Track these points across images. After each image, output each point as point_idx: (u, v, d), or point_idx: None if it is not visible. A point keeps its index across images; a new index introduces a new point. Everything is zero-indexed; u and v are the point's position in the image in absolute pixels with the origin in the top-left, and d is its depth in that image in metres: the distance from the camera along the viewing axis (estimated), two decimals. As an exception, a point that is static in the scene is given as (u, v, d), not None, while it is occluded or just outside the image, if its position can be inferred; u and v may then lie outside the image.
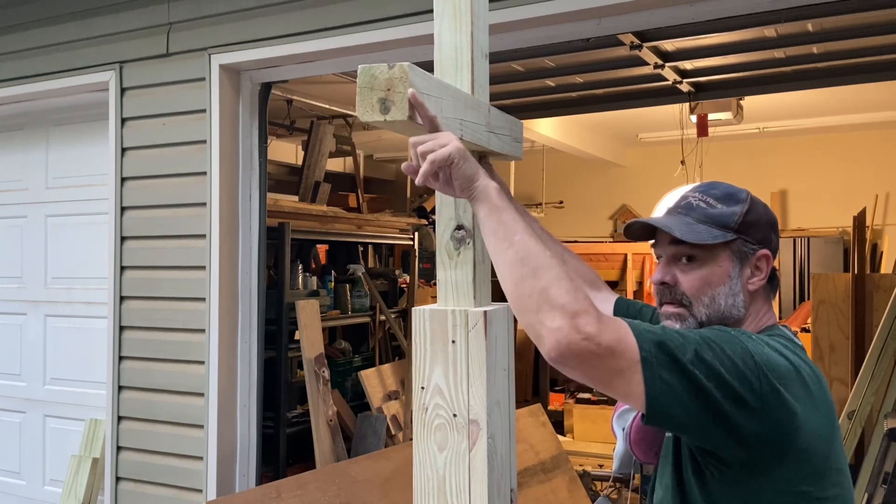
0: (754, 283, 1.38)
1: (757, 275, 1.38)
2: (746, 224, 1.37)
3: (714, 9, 2.67)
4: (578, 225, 8.58)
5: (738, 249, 1.37)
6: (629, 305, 1.75)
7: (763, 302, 1.41)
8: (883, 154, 7.30)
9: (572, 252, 1.88)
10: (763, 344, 1.26)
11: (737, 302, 1.37)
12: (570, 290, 1.16)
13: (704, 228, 1.37)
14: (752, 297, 1.39)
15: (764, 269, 1.38)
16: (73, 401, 4.15)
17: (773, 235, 1.39)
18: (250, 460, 3.54)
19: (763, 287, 1.40)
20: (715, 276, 1.37)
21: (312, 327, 4.57)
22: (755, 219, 1.37)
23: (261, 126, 3.61)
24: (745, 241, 1.37)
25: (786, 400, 1.20)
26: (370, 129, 6.52)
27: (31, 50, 3.99)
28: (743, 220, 1.37)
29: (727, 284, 1.36)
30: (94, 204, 4.04)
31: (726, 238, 1.36)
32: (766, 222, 1.39)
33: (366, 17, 3.08)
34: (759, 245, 1.37)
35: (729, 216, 1.37)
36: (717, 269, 1.37)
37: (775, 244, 1.40)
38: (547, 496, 3.72)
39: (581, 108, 5.05)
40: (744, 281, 1.37)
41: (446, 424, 1.50)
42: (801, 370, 1.26)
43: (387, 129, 1.24)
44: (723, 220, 1.37)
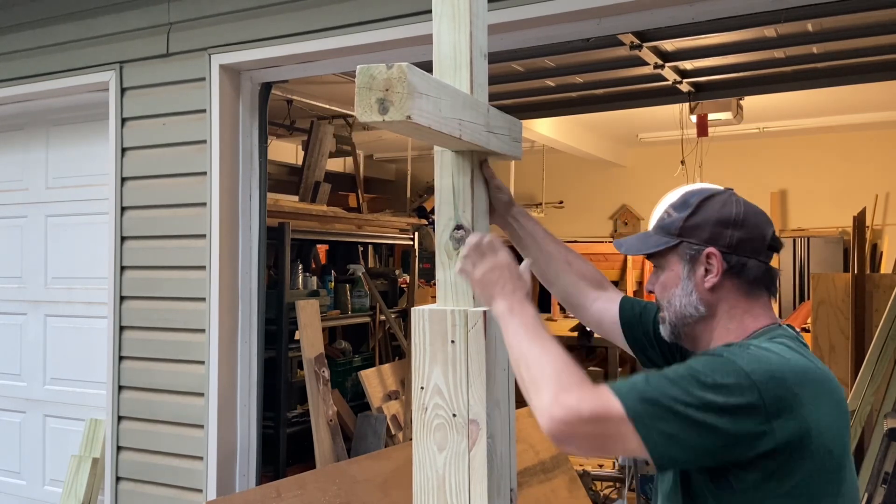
0: (709, 281, 1.41)
1: (710, 272, 1.41)
2: (688, 227, 1.43)
3: (714, 9, 2.67)
4: (578, 225, 8.58)
5: (684, 252, 1.44)
6: (634, 304, 1.76)
7: (738, 299, 1.42)
8: (883, 154, 7.30)
9: (577, 254, 1.89)
10: (762, 353, 1.26)
11: (692, 301, 1.43)
12: (553, 374, 1.26)
13: (655, 238, 1.48)
14: (715, 295, 1.42)
15: (715, 266, 1.40)
16: (73, 401, 4.15)
17: (727, 231, 1.40)
18: (250, 460, 3.54)
19: (735, 285, 1.41)
20: (669, 279, 1.47)
21: (312, 327, 4.57)
22: (700, 220, 1.43)
23: (261, 126, 3.61)
24: (690, 243, 1.43)
25: (795, 407, 1.21)
26: (370, 129, 6.52)
27: (32, 50, 3.99)
28: (684, 224, 1.44)
29: (679, 286, 1.45)
30: (94, 204, 4.04)
31: (669, 243, 1.45)
32: (716, 221, 1.41)
33: (366, 17, 3.08)
34: (705, 244, 1.41)
35: (673, 222, 1.46)
36: (670, 274, 1.47)
37: (732, 239, 1.40)
38: (547, 496, 3.72)
39: (581, 108, 5.05)
40: (696, 280, 1.42)
41: (446, 424, 1.50)
42: (808, 371, 1.27)
43: (386, 129, 1.24)
44: (668, 228, 1.47)
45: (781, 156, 7.70)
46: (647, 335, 1.69)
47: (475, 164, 1.54)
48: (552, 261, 1.84)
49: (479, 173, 1.56)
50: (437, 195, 1.55)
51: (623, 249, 1.57)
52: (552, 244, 1.85)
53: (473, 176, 1.53)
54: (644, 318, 1.71)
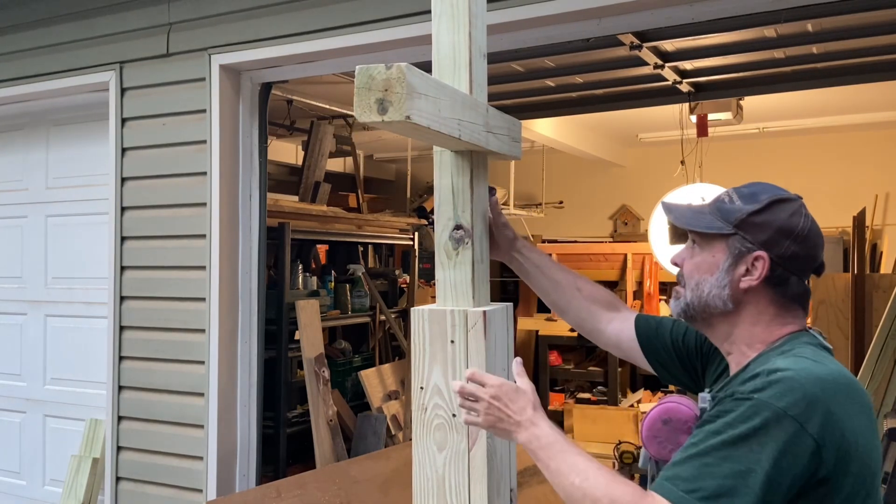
0: (746, 282, 1.38)
1: (751, 274, 1.37)
2: (749, 223, 1.38)
3: (714, 9, 2.67)
4: (578, 225, 8.57)
5: (734, 245, 1.39)
6: (649, 320, 1.75)
7: (769, 305, 1.39)
8: (883, 154, 7.29)
9: (586, 279, 1.88)
10: (789, 378, 1.24)
11: (722, 294, 1.39)
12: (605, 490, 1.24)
13: (710, 218, 1.42)
14: (748, 296, 1.39)
15: (759, 270, 1.36)
16: (73, 401, 4.15)
17: (785, 241, 1.36)
18: (250, 460, 3.54)
19: (770, 294, 1.38)
20: (706, 264, 1.42)
21: (312, 327, 4.57)
22: (763, 220, 1.37)
23: (261, 126, 3.62)
24: (744, 239, 1.38)
25: (836, 428, 1.21)
26: (370, 129, 6.52)
27: (32, 50, 3.99)
28: (746, 218, 1.38)
29: (714, 275, 1.40)
30: (94, 204, 4.04)
31: (722, 231, 1.39)
32: (779, 227, 1.37)
33: (366, 17, 3.08)
34: (759, 246, 1.37)
35: (734, 212, 1.39)
36: (709, 258, 1.41)
37: (788, 252, 1.37)
38: (547, 496, 3.71)
39: (581, 108, 5.04)
40: (734, 277, 1.38)
41: (445, 424, 1.50)
42: (837, 383, 1.26)
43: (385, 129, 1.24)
44: (727, 214, 1.40)
45: (781, 156, 7.69)
46: (665, 349, 1.68)
47: (474, 164, 1.54)
48: (562, 289, 1.83)
49: (478, 173, 1.56)
50: (436, 195, 1.55)
51: (672, 217, 1.49)
52: (560, 272, 1.85)
53: (473, 176, 1.53)
54: (661, 331, 1.70)
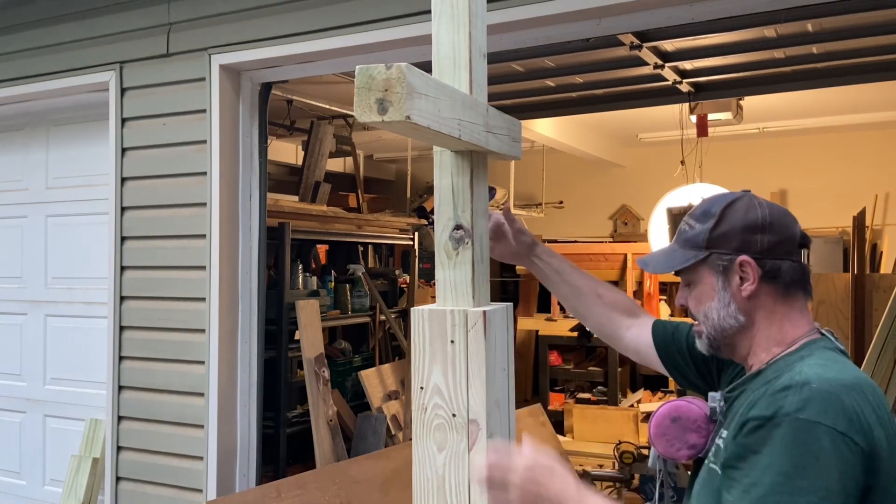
0: (747, 289, 1.38)
1: (746, 280, 1.38)
2: (715, 238, 1.40)
3: (714, 9, 2.67)
4: (578, 225, 8.57)
5: (715, 263, 1.41)
6: (665, 325, 1.75)
7: (775, 303, 1.39)
8: (883, 154, 7.30)
9: (606, 284, 1.90)
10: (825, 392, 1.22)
11: (730, 312, 1.40)
12: None
13: (682, 253, 1.45)
14: (753, 302, 1.39)
15: (750, 274, 1.37)
16: (73, 401, 4.16)
17: (755, 237, 1.37)
18: (250, 460, 3.54)
19: (772, 289, 1.38)
20: (703, 293, 1.43)
21: (312, 327, 4.57)
22: (726, 229, 1.39)
23: (261, 126, 3.62)
24: (720, 254, 1.40)
25: (873, 436, 1.20)
26: (370, 129, 6.52)
27: (32, 50, 3.99)
28: (710, 235, 1.40)
29: (715, 298, 1.41)
30: (94, 204, 4.04)
31: (698, 257, 1.42)
32: (742, 228, 1.38)
33: (366, 17, 3.08)
34: (736, 253, 1.38)
35: (699, 235, 1.42)
36: (704, 287, 1.43)
37: (764, 244, 1.37)
38: (547, 496, 3.71)
39: (581, 108, 5.05)
40: (733, 290, 1.39)
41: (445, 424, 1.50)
42: (865, 389, 1.25)
43: (385, 129, 1.24)
44: (694, 240, 1.43)
45: (781, 156, 7.70)
46: (681, 354, 1.68)
47: (475, 165, 1.54)
48: (582, 295, 1.85)
49: (478, 173, 1.56)
50: (436, 195, 1.55)
51: (650, 269, 1.53)
52: (580, 278, 1.86)
53: (473, 176, 1.53)
54: (677, 336, 1.70)
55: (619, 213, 8.72)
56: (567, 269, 1.86)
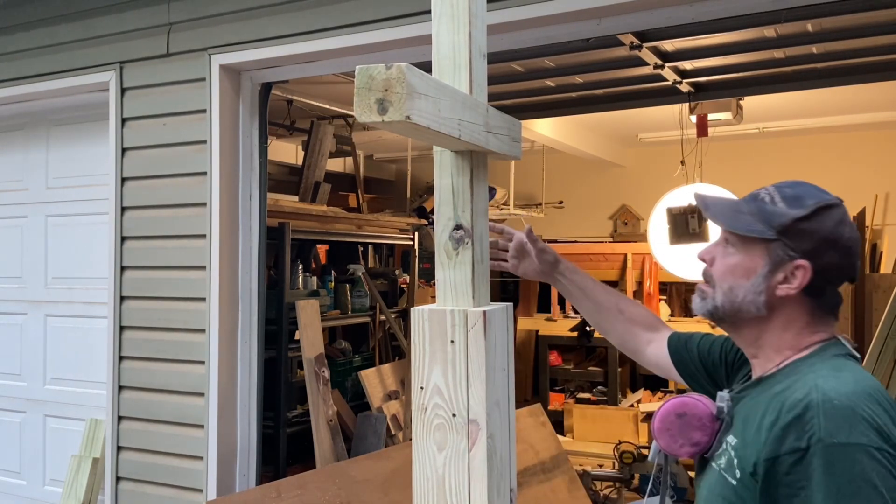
0: (783, 290, 1.34)
1: (790, 282, 1.33)
2: (794, 230, 1.33)
3: (714, 9, 2.67)
4: (578, 225, 8.57)
5: (775, 251, 1.34)
6: (679, 336, 1.76)
7: (803, 313, 1.36)
8: (883, 154, 7.30)
9: (629, 299, 1.92)
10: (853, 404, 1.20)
11: (757, 301, 1.35)
12: None
13: (749, 220, 1.36)
14: (783, 303, 1.35)
15: (798, 279, 1.32)
16: (73, 401, 4.16)
17: (828, 252, 1.31)
18: (250, 460, 3.54)
19: (805, 303, 1.35)
20: (742, 268, 1.37)
21: (312, 327, 4.57)
22: (808, 228, 1.32)
23: (261, 126, 3.62)
24: (786, 246, 1.33)
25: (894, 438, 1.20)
26: (370, 130, 6.52)
27: (32, 50, 3.99)
28: (791, 224, 1.33)
29: (751, 280, 1.35)
30: (94, 204, 4.04)
31: (763, 235, 1.34)
32: (825, 237, 1.32)
33: (365, 17, 3.08)
34: (802, 255, 1.32)
35: (779, 216, 1.34)
36: (746, 262, 1.36)
37: (832, 263, 1.32)
38: (547, 496, 3.72)
39: (581, 108, 5.05)
40: (771, 283, 1.34)
41: (445, 424, 1.50)
42: (883, 396, 1.24)
43: (385, 129, 1.24)
44: (769, 219, 1.35)
45: (781, 156, 7.69)
46: (693, 362, 1.69)
47: (475, 165, 1.54)
48: (604, 311, 1.87)
49: (478, 173, 1.56)
50: (436, 195, 1.55)
51: (709, 214, 1.42)
52: (602, 294, 1.88)
53: (473, 176, 1.53)
54: (689, 345, 1.71)
55: (619, 213, 8.72)
56: (590, 286, 1.89)
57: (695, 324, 6.32)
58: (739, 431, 1.34)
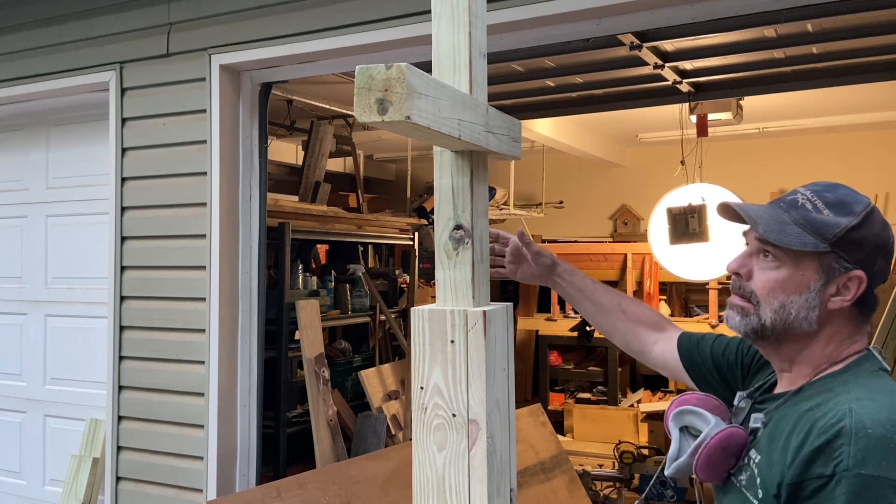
0: (836, 303, 1.27)
1: (843, 294, 1.26)
2: (848, 240, 1.25)
3: (714, 9, 2.67)
4: (578, 225, 8.57)
5: (829, 264, 1.26)
6: (690, 337, 1.71)
7: (847, 324, 1.29)
8: (883, 154, 7.30)
9: (631, 299, 1.88)
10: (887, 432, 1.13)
11: (810, 316, 1.27)
12: None
13: (798, 232, 1.27)
14: (832, 315, 1.28)
15: (852, 291, 1.25)
16: (73, 401, 4.16)
17: (878, 258, 1.26)
18: (250, 460, 3.54)
19: (853, 312, 1.29)
20: (793, 283, 1.28)
21: (312, 327, 4.57)
22: (861, 237, 1.25)
23: (261, 126, 3.62)
24: (839, 258, 1.25)
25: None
26: (370, 130, 6.51)
27: (32, 50, 3.99)
28: (845, 234, 1.24)
29: (803, 296, 1.27)
30: (94, 204, 4.04)
31: (818, 248, 1.25)
32: (875, 244, 1.26)
33: (365, 17, 3.08)
34: (855, 265, 1.25)
35: (831, 226, 1.25)
36: (797, 277, 1.27)
37: (879, 269, 1.26)
38: (547, 496, 3.72)
39: (581, 108, 5.04)
40: (825, 297, 1.27)
41: (445, 424, 1.50)
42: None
43: (385, 129, 1.24)
44: (821, 229, 1.26)
45: (781, 156, 7.70)
46: (706, 364, 1.64)
47: (475, 164, 1.54)
48: (606, 312, 1.83)
49: (478, 173, 1.56)
50: (436, 195, 1.55)
51: (755, 226, 1.30)
52: (603, 295, 1.84)
53: (473, 176, 1.53)
54: (702, 347, 1.66)
55: (619, 213, 8.72)
56: (589, 286, 1.85)
57: (694, 324, 6.32)
58: (764, 448, 1.28)
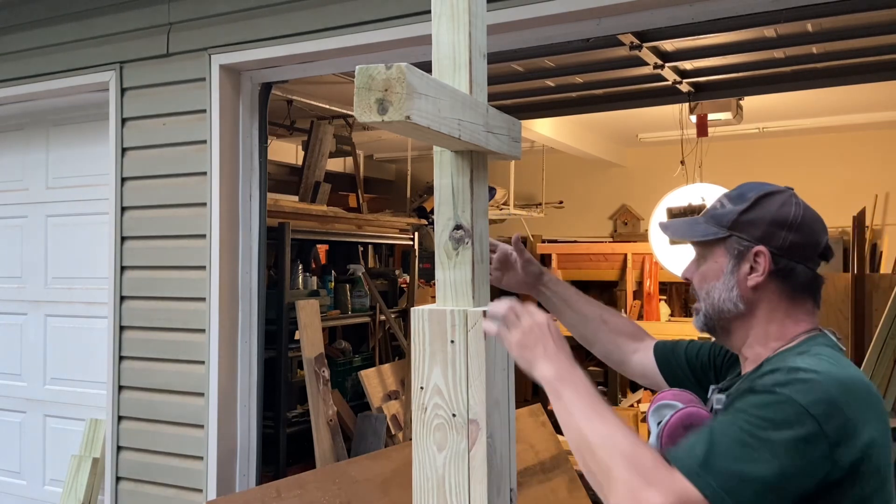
0: (753, 280, 1.38)
1: (756, 270, 1.38)
2: (741, 222, 1.40)
3: (714, 9, 2.67)
4: (578, 225, 8.57)
5: (732, 246, 1.40)
6: (665, 344, 1.78)
7: (779, 301, 1.39)
8: (883, 154, 7.29)
9: (611, 310, 1.92)
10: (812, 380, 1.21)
11: (732, 296, 1.40)
12: (625, 465, 1.18)
13: (704, 227, 1.44)
14: (758, 294, 1.39)
15: (762, 265, 1.37)
16: (73, 401, 4.16)
17: (781, 232, 1.37)
18: (250, 460, 3.54)
19: (779, 288, 1.38)
20: (711, 271, 1.44)
21: (312, 327, 4.57)
22: (754, 217, 1.39)
23: (261, 126, 3.62)
24: (740, 238, 1.39)
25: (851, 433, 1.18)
26: (370, 129, 6.51)
27: (32, 50, 3.99)
28: (738, 217, 1.40)
29: (721, 279, 1.41)
30: (94, 204, 4.04)
31: (718, 235, 1.42)
32: (771, 220, 1.38)
33: (365, 17, 3.08)
34: (756, 242, 1.38)
35: (727, 214, 1.42)
36: (713, 265, 1.43)
37: (785, 242, 1.37)
38: (547, 496, 3.72)
39: (581, 108, 5.04)
40: (740, 277, 1.39)
41: (445, 424, 1.50)
42: (854, 387, 1.23)
43: (385, 129, 1.24)
44: (720, 218, 1.43)
45: (781, 156, 7.69)
46: (681, 368, 1.71)
47: (475, 164, 1.54)
48: (588, 322, 1.87)
49: (478, 173, 1.56)
50: (436, 195, 1.55)
51: (669, 233, 1.54)
52: (586, 305, 1.89)
53: (473, 176, 1.53)
54: (676, 351, 1.73)
55: (619, 213, 8.72)
56: (573, 297, 1.89)
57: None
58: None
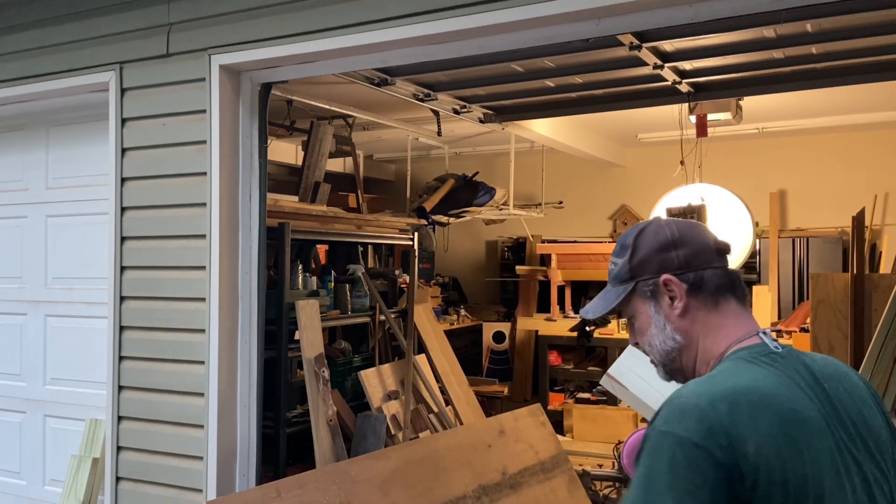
0: (677, 307, 1.41)
1: (675, 299, 1.41)
2: (635, 266, 1.44)
3: (714, 9, 2.67)
4: (578, 225, 8.57)
5: (642, 290, 1.44)
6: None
7: (710, 315, 1.40)
8: (882, 154, 7.30)
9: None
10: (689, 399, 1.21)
11: (667, 334, 1.42)
12: None
13: (613, 291, 1.48)
14: (688, 318, 1.41)
15: (676, 291, 1.40)
16: (73, 401, 4.16)
17: (669, 254, 1.41)
18: (250, 460, 3.54)
19: (701, 300, 1.40)
20: (643, 323, 1.46)
21: (312, 327, 4.57)
22: (643, 256, 1.43)
23: (261, 126, 3.62)
24: (643, 280, 1.43)
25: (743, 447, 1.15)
26: (370, 130, 6.53)
27: (32, 50, 3.99)
28: (630, 265, 1.44)
29: (653, 325, 1.44)
30: (94, 204, 4.04)
31: (627, 290, 1.45)
32: (655, 250, 1.42)
33: (366, 17, 3.08)
34: (657, 274, 1.41)
35: (622, 269, 1.46)
36: (641, 317, 1.46)
37: (679, 259, 1.40)
38: (547, 496, 3.72)
39: (581, 109, 5.05)
40: (666, 311, 1.42)
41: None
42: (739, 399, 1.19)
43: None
44: (620, 276, 1.47)
45: (781, 156, 7.69)
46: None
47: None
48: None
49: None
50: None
51: (590, 315, 1.55)
52: None
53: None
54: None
55: (619, 213, 8.72)
56: None
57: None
58: None
